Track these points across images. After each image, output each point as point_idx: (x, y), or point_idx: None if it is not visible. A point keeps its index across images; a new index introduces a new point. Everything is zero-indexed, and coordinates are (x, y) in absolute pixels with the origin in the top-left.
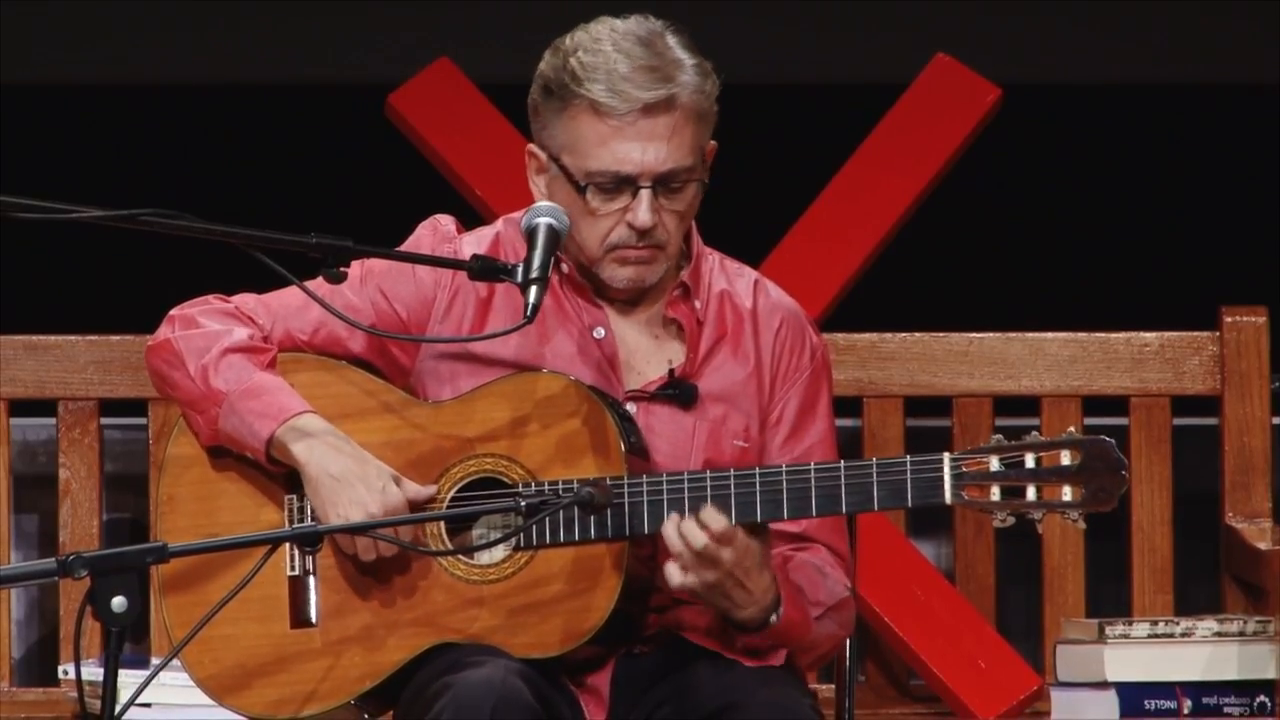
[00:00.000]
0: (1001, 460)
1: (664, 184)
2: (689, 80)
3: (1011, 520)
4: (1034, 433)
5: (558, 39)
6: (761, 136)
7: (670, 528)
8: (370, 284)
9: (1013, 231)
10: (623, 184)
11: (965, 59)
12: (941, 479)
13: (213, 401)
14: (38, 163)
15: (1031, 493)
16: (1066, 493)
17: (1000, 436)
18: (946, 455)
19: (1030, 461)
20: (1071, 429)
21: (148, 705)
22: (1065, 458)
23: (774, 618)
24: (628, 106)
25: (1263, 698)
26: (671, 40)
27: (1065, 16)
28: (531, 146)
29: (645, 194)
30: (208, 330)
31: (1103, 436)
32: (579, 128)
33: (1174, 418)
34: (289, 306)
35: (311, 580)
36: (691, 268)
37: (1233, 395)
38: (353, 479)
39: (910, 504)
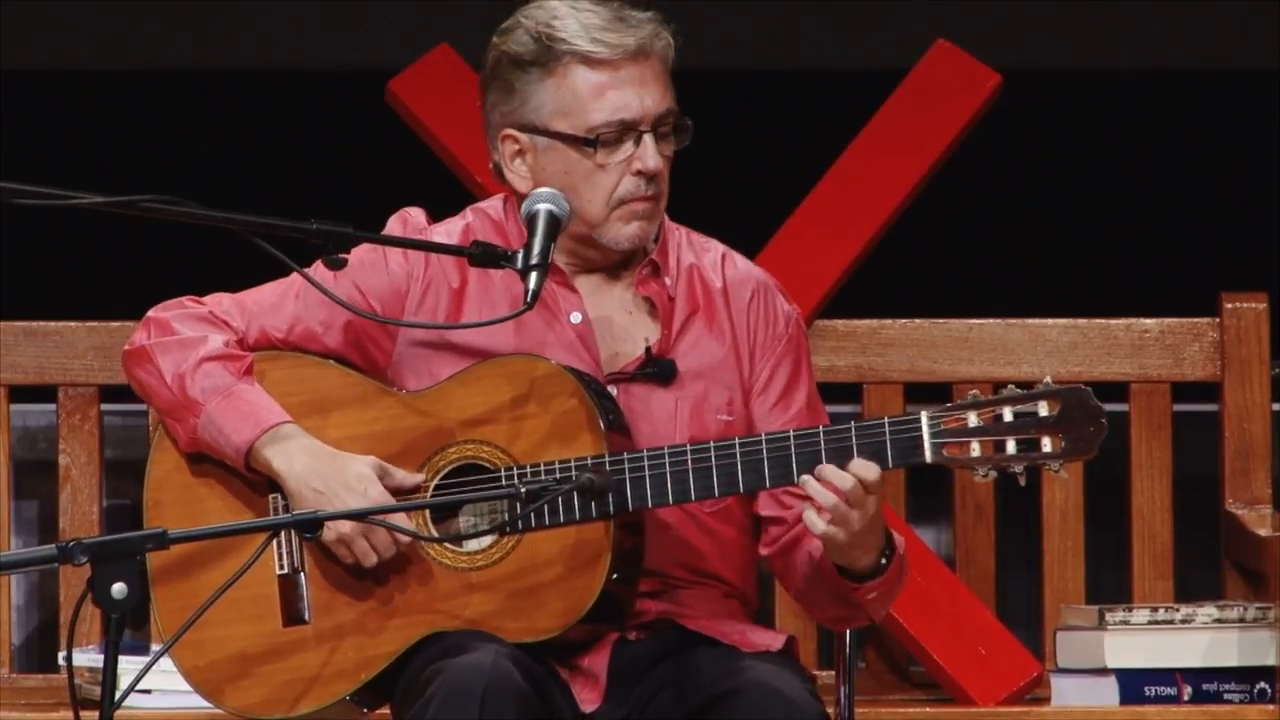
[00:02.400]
0: (980, 415)
1: (657, 129)
2: (656, 30)
3: (993, 475)
4: (1011, 386)
5: (502, 26)
6: (760, 122)
7: (814, 485)
8: (345, 279)
9: (1013, 218)
10: (625, 132)
11: (965, 45)
12: (920, 438)
13: (190, 411)
14: (38, 148)
15: (1012, 446)
16: (1046, 444)
17: (977, 393)
18: (924, 413)
19: (1009, 415)
20: (1048, 379)
21: (148, 691)
22: (1043, 409)
23: (884, 560)
24: (618, 53)
25: (1263, 684)
26: (615, 5)
27: (1065, 2)
28: (507, 131)
29: (649, 138)
30: (184, 338)
31: (1079, 385)
32: (571, 85)
33: (1174, 404)
34: (263, 305)
35: (301, 577)
36: (659, 245)
37: (1233, 381)
38: (336, 488)
39: (891, 464)
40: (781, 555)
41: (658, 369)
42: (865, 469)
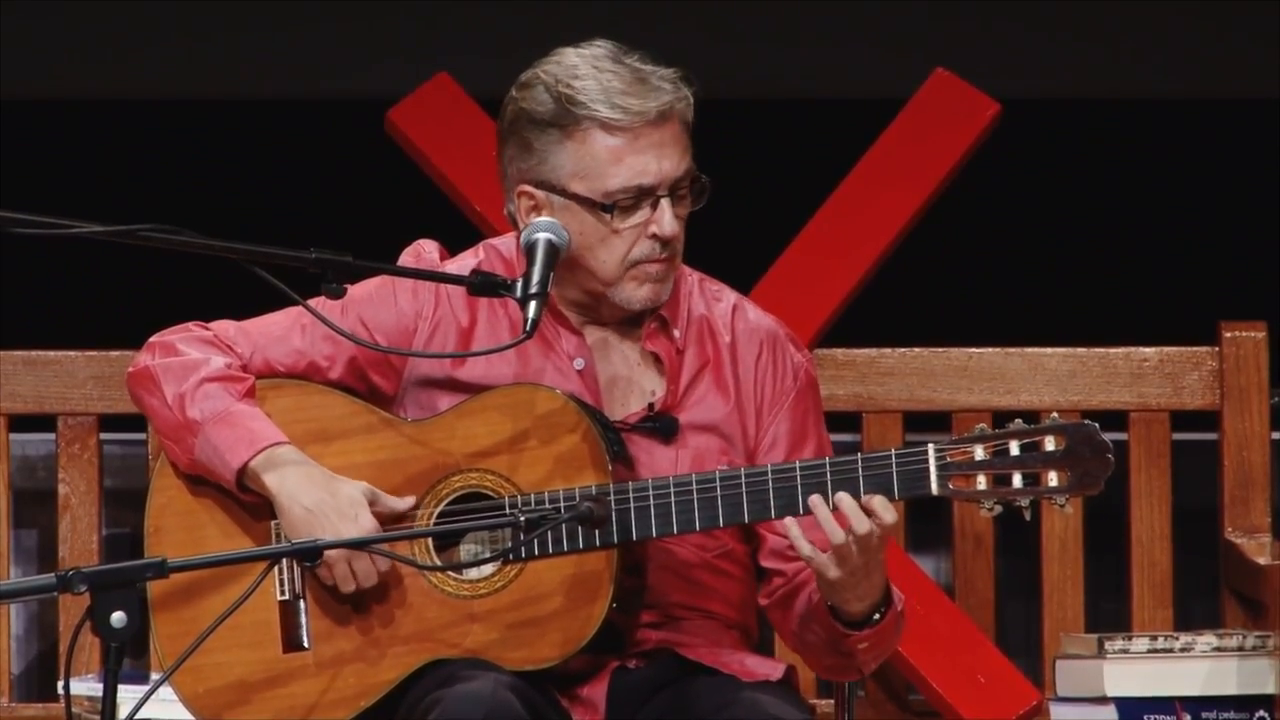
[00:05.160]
0: (986, 449)
1: (674, 191)
2: (676, 90)
3: (999, 509)
4: (1018, 420)
5: (521, 78)
6: (760, 151)
7: (824, 510)
8: (351, 312)
9: (1012, 246)
10: (642, 197)
11: (964, 74)
12: (927, 470)
13: (189, 431)
14: (37, 178)
15: (1018, 480)
16: (1053, 478)
17: (984, 426)
18: (931, 445)
19: (1015, 449)
20: (1055, 415)
21: None
22: (1050, 443)
23: (877, 616)
24: (637, 120)
25: (1262, 713)
26: (634, 59)
27: (1064, 32)
28: (524, 187)
29: (666, 203)
30: (186, 359)
31: (1086, 421)
32: (590, 150)
33: (1173, 433)
34: (269, 335)
35: (302, 604)
36: (669, 299)
37: (1232, 410)
38: (326, 509)
39: (897, 496)
40: (780, 605)
41: (659, 425)
42: (885, 509)
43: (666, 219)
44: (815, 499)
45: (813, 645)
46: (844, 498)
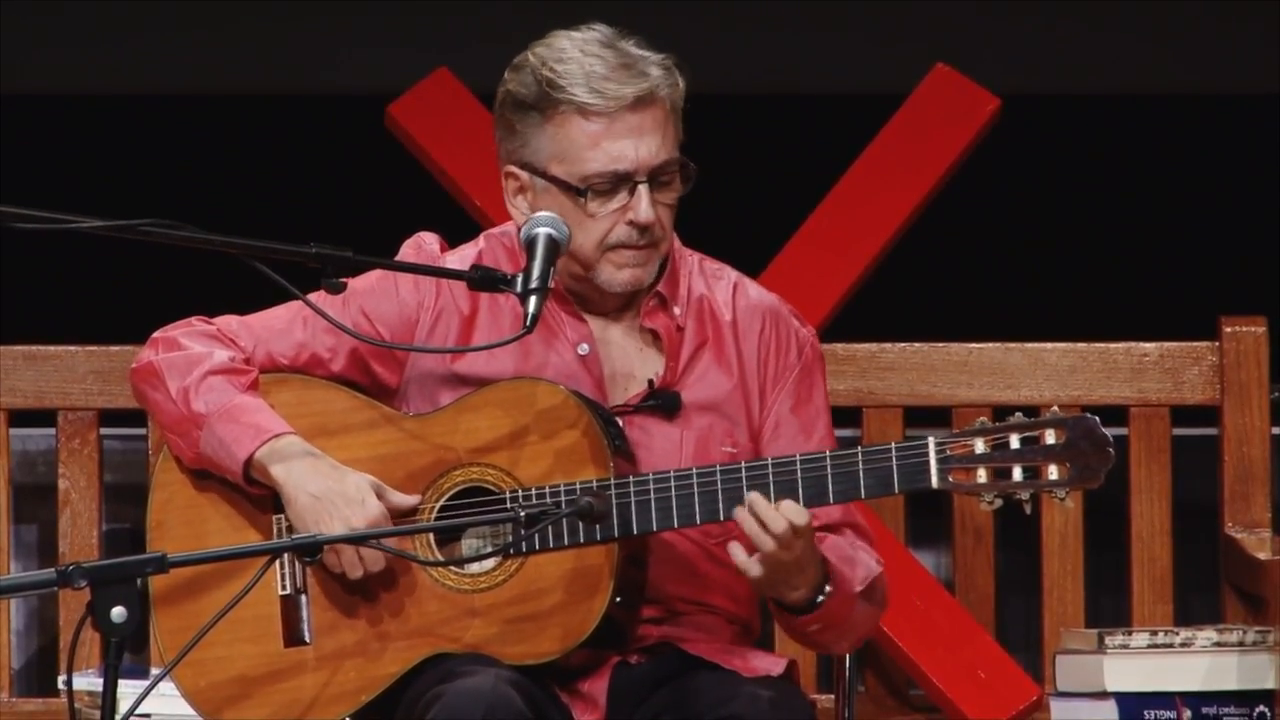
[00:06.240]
0: (986, 442)
1: (657, 178)
2: (662, 76)
3: (999, 502)
4: (1018, 414)
5: (514, 61)
6: (761, 146)
7: (746, 515)
8: (353, 304)
9: (1012, 241)
10: (620, 183)
11: (964, 69)
12: (927, 463)
13: (194, 424)
14: (37, 172)
15: (1018, 473)
16: (1053, 471)
17: (984, 420)
18: (931, 439)
19: (1015, 442)
20: (1055, 408)
21: (147, 716)
22: (1050, 437)
23: (821, 597)
24: (615, 104)
25: (1262, 708)
26: (629, 43)
27: (1064, 27)
28: (510, 168)
29: (643, 189)
30: (190, 353)
31: (1087, 414)
32: (568, 133)
33: (1173, 428)
34: (271, 329)
35: (303, 599)
36: (668, 275)
37: (1232, 405)
38: (333, 496)
39: (897, 490)
40: None
41: (661, 402)
42: (796, 513)
43: (643, 205)
44: (739, 510)
45: (784, 629)
46: (759, 501)
